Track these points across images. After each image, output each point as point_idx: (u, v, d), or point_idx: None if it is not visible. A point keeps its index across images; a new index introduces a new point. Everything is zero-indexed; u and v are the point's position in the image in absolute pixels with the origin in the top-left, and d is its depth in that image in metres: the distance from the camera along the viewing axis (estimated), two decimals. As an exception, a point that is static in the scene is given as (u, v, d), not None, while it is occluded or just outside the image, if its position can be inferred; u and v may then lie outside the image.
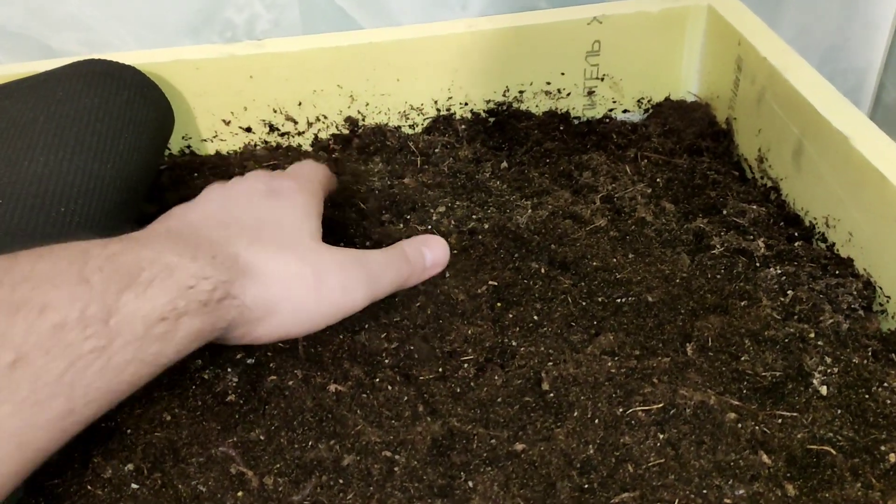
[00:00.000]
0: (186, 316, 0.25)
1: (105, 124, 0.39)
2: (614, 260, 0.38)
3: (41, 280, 0.23)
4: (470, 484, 0.29)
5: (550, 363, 0.33)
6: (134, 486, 0.29)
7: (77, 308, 0.23)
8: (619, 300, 0.36)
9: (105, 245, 0.25)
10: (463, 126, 0.50)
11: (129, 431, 0.31)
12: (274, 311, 0.29)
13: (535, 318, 0.36)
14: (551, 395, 0.32)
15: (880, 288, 0.35)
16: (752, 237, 0.40)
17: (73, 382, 0.22)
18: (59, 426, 0.23)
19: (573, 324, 0.36)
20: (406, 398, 0.32)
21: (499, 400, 0.32)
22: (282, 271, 0.29)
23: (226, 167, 0.48)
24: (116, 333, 0.23)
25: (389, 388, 0.32)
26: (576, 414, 0.31)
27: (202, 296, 0.26)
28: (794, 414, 0.30)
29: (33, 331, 0.22)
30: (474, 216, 0.42)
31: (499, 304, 0.36)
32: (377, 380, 0.33)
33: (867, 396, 0.31)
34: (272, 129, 0.51)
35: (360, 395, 0.32)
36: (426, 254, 0.35)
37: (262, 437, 0.30)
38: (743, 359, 0.33)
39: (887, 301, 0.35)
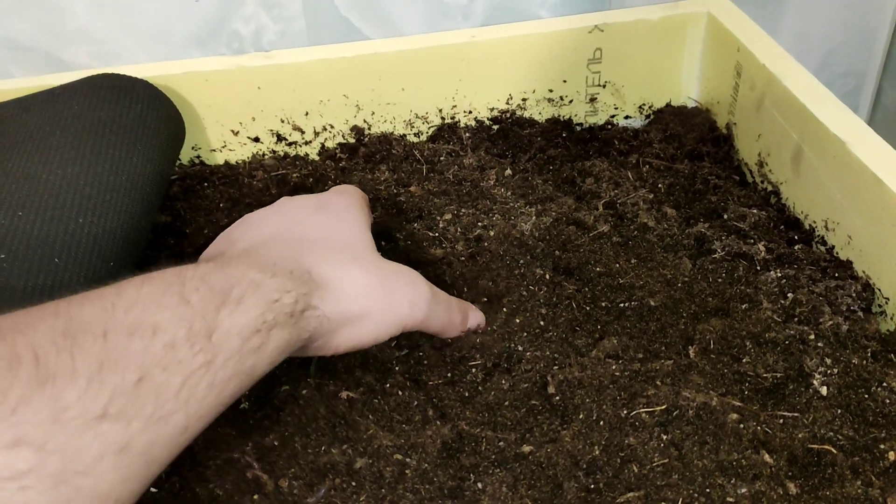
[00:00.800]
0: (276, 328, 0.27)
1: (119, 137, 0.40)
2: (617, 265, 0.39)
3: (148, 303, 0.24)
4: (479, 485, 0.30)
5: (556, 367, 0.34)
6: (153, 489, 0.30)
7: (184, 327, 0.24)
8: (622, 304, 0.37)
9: (196, 268, 0.27)
10: (467, 134, 0.51)
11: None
12: (348, 322, 0.30)
13: (542, 323, 0.36)
14: (557, 398, 0.33)
15: (879, 290, 0.36)
16: (752, 241, 0.40)
17: (189, 398, 0.24)
18: (177, 441, 0.24)
19: (578, 328, 0.36)
20: (416, 403, 0.33)
21: (506, 403, 0.33)
22: (352, 283, 0.31)
23: (235, 177, 0.49)
24: (219, 349, 0.25)
25: (400, 393, 0.33)
26: (581, 416, 0.31)
27: (287, 308, 0.27)
28: (795, 414, 0.31)
29: (150, 350, 0.23)
30: (480, 223, 0.43)
31: (504, 310, 0.37)
32: (388, 386, 0.33)
33: (867, 396, 0.32)
34: (280, 138, 0.52)
35: (372, 400, 0.33)
36: (470, 316, 0.36)
37: (276, 443, 0.31)
38: (744, 360, 0.33)
39: (886, 302, 0.35)
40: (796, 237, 0.41)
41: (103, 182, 0.37)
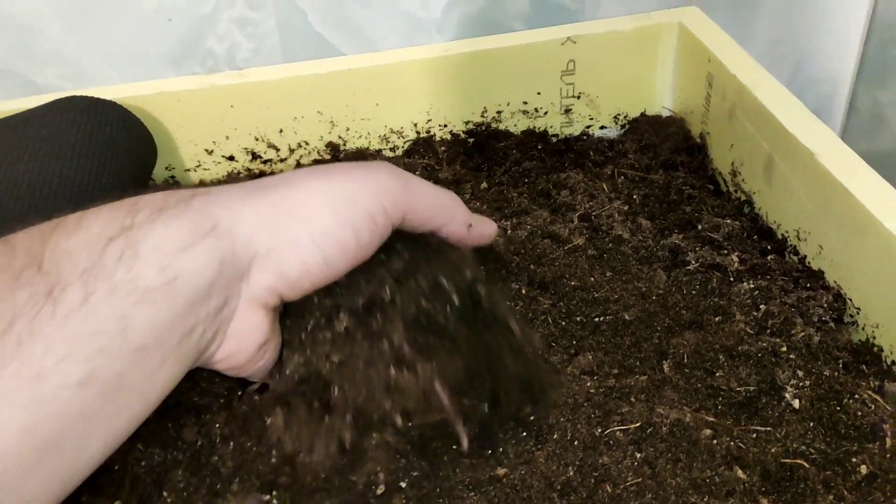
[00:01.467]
0: (145, 225, 0.23)
1: (88, 160, 0.40)
2: (592, 279, 0.39)
3: None
4: (453, 508, 0.29)
5: (531, 385, 0.34)
6: None
7: (2, 265, 0.22)
8: (597, 319, 0.37)
9: None
10: (443, 148, 0.51)
11: (116, 467, 0.31)
12: (300, 206, 0.26)
13: (516, 339, 0.36)
14: (531, 417, 0.32)
15: (850, 300, 0.36)
16: (726, 252, 0.40)
17: (33, 331, 0.21)
18: (59, 373, 0.22)
19: (553, 344, 0.36)
20: None
21: (480, 423, 0.33)
22: (293, 175, 0.27)
23: (210, 196, 0.49)
24: (58, 273, 0.22)
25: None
26: (555, 436, 0.31)
27: (154, 204, 0.24)
28: (768, 428, 0.31)
29: None
30: (455, 239, 0.43)
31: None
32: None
33: (838, 409, 0.32)
34: (254, 156, 0.51)
35: None
36: (474, 223, 0.32)
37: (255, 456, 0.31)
38: (718, 374, 0.33)
39: (857, 312, 0.35)
40: (769, 247, 0.41)
41: (72, 208, 0.37)
